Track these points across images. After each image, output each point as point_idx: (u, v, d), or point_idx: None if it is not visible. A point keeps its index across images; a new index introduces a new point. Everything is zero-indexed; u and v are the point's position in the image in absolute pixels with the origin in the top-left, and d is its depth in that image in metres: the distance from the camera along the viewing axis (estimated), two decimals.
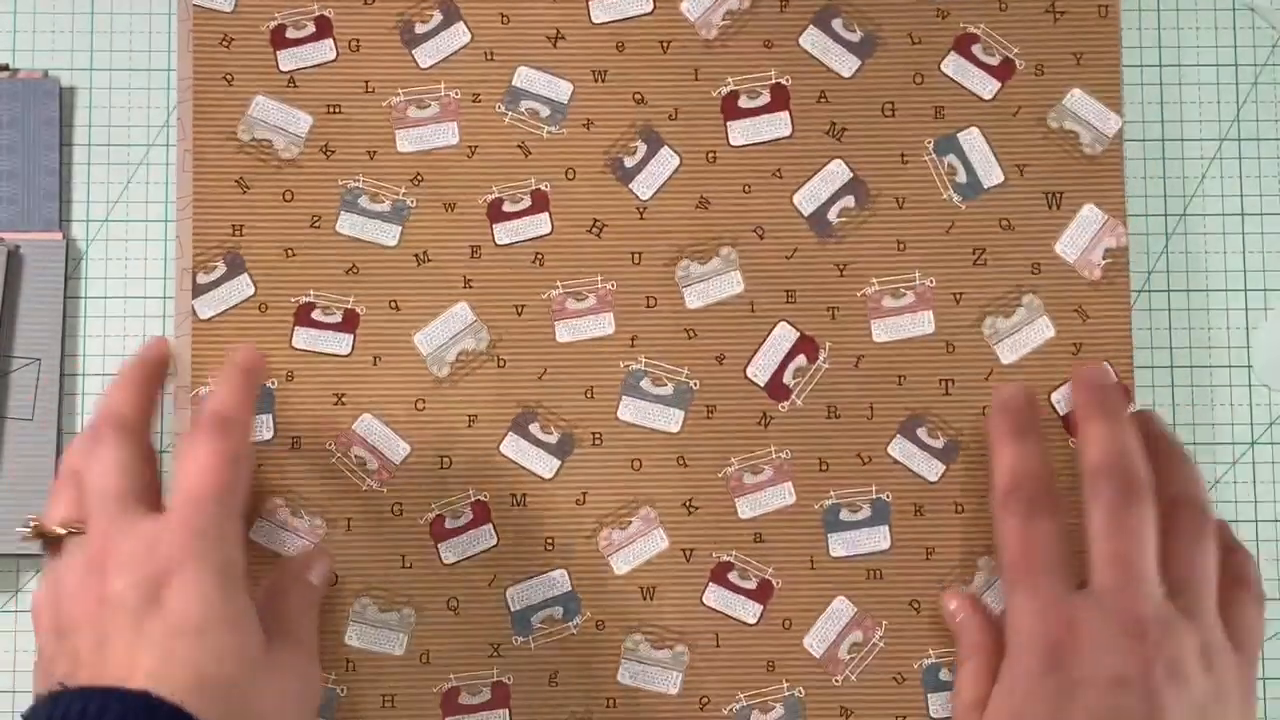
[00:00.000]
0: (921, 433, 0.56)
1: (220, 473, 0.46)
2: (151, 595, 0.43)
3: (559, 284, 0.56)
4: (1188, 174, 0.59)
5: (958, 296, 0.56)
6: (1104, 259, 0.56)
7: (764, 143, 0.57)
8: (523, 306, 0.56)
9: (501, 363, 0.56)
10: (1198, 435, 0.58)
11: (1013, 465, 0.52)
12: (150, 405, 0.50)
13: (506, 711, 0.54)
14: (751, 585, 0.55)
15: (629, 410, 0.56)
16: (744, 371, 0.56)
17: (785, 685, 0.55)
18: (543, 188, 0.56)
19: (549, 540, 0.55)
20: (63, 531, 0.47)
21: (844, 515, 0.55)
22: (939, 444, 0.56)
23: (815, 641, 0.55)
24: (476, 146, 0.56)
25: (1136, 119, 0.59)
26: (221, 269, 0.56)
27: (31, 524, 0.47)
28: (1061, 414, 0.56)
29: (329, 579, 0.53)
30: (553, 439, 0.55)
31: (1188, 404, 0.58)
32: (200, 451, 0.47)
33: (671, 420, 0.55)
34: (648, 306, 0.56)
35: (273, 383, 0.55)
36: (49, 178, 0.57)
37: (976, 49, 0.57)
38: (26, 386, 0.56)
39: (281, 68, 0.57)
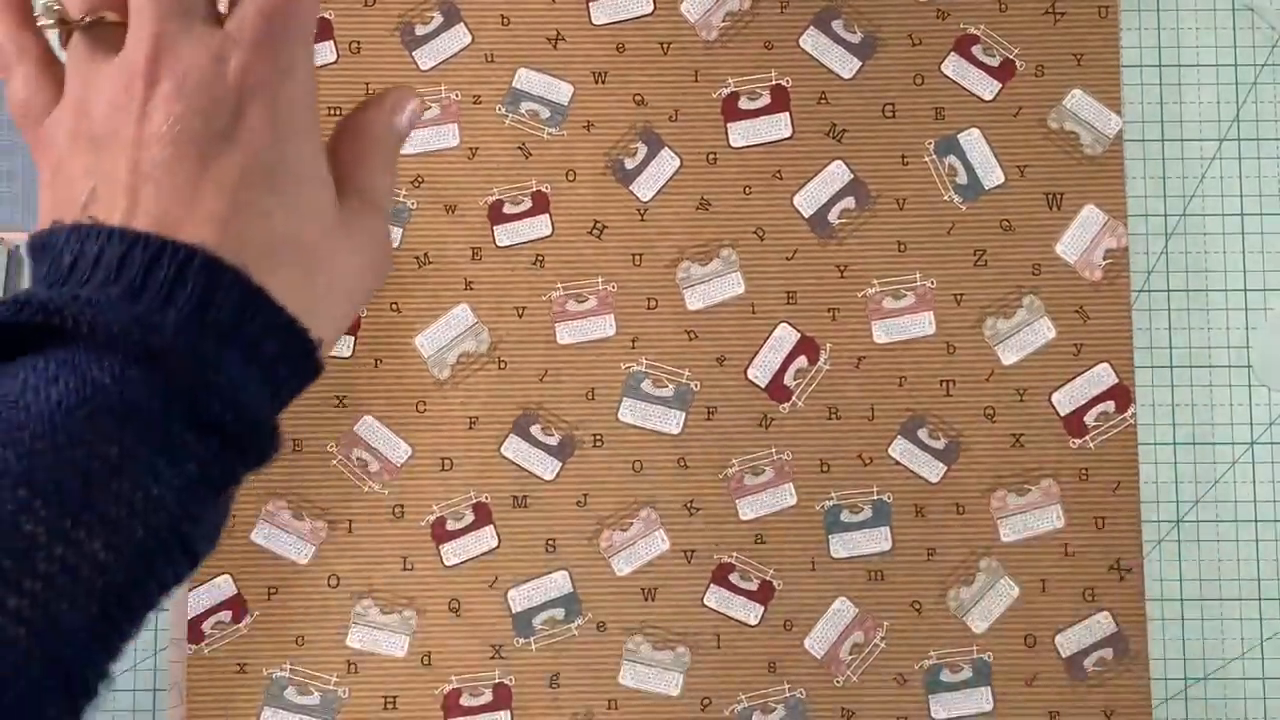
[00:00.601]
0: (922, 434, 0.56)
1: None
2: (221, 126, 0.32)
3: (560, 286, 0.56)
4: (1188, 174, 0.59)
5: (958, 297, 0.56)
6: (1104, 260, 0.56)
7: (764, 144, 0.57)
8: (524, 308, 0.56)
9: (502, 364, 0.56)
10: (1198, 435, 0.58)
11: None
12: None
13: (508, 713, 0.54)
14: (752, 586, 0.55)
15: (630, 412, 0.56)
16: (745, 373, 0.56)
17: (786, 686, 0.55)
18: (543, 189, 0.56)
19: (550, 542, 0.55)
20: (89, 20, 0.33)
21: (845, 516, 0.55)
22: (940, 445, 0.56)
23: (816, 642, 0.55)
24: (477, 148, 0.56)
25: (1136, 119, 0.59)
26: None
27: (55, 8, 0.34)
28: (1062, 414, 0.56)
29: (414, 124, 0.38)
30: (554, 440, 0.55)
31: (1187, 404, 0.58)
32: None
33: (672, 422, 0.55)
34: (648, 308, 0.56)
35: None
36: None
37: (977, 50, 0.57)
38: None
39: None
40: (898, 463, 0.56)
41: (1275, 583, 0.57)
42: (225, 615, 0.54)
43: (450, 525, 0.55)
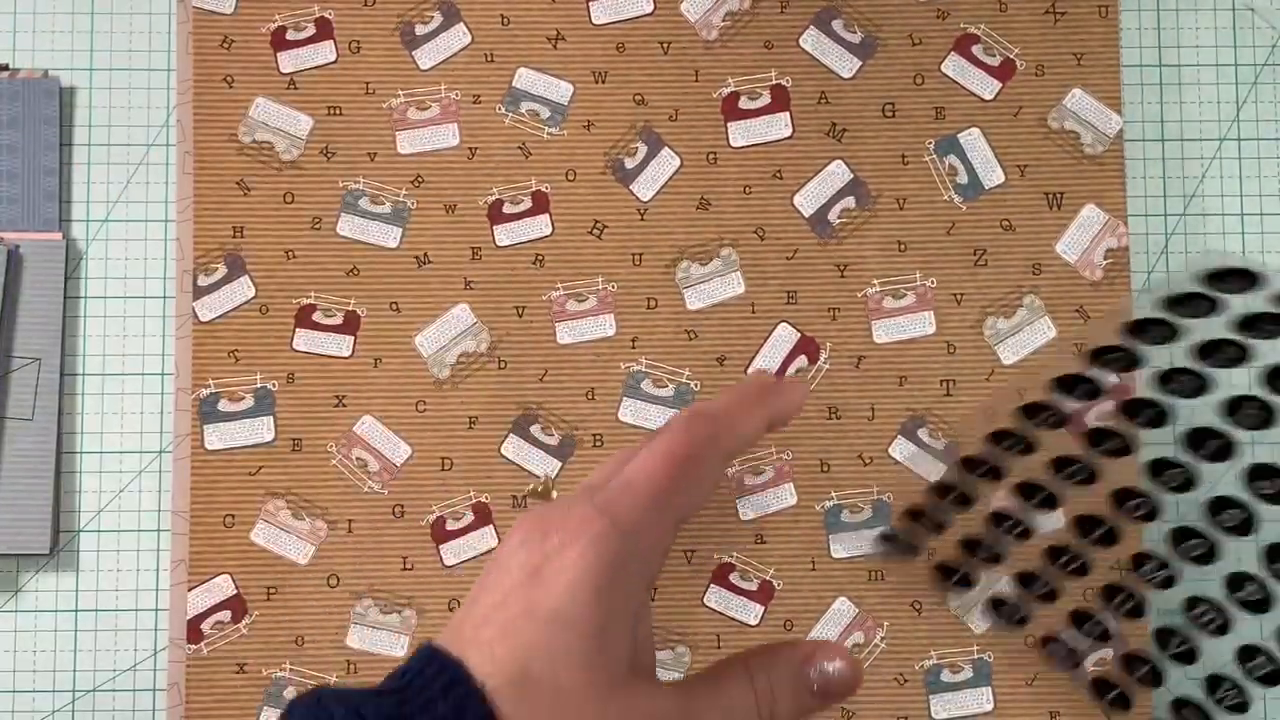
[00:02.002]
0: (923, 434, 0.56)
1: (669, 466, 0.38)
2: (534, 569, 0.35)
3: (560, 285, 0.56)
4: (1188, 174, 0.59)
5: (958, 297, 0.56)
6: (1105, 259, 0.56)
7: (764, 144, 0.57)
8: (523, 308, 0.56)
9: (502, 364, 0.56)
10: None
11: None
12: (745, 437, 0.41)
13: None
14: (753, 586, 0.55)
15: (630, 412, 0.55)
16: (745, 372, 0.56)
17: None
18: (543, 189, 0.56)
19: None
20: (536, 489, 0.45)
21: (845, 516, 0.55)
22: (940, 445, 0.56)
23: None
24: (477, 148, 0.56)
25: (1136, 119, 0.59)
26: (222, 271, 0.56)
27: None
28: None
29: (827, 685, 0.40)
30: (554, 440, 0.55)
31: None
32: (662, 439, 0.38)
33: None
34: (648, 308, 0.56)
35: (273, 385, 0.55)
36: (49, 178, 0.57)
37: (977, 49, 0.57)
38: (26, 386, 0.56)
39: (282, 69, 0.57)
40: (898, 463, 0.56)
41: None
42: (225, 615, 0.54)
43: (450, 525, 0.55)
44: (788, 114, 0.57)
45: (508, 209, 0.56)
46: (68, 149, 0.58)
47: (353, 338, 0.56)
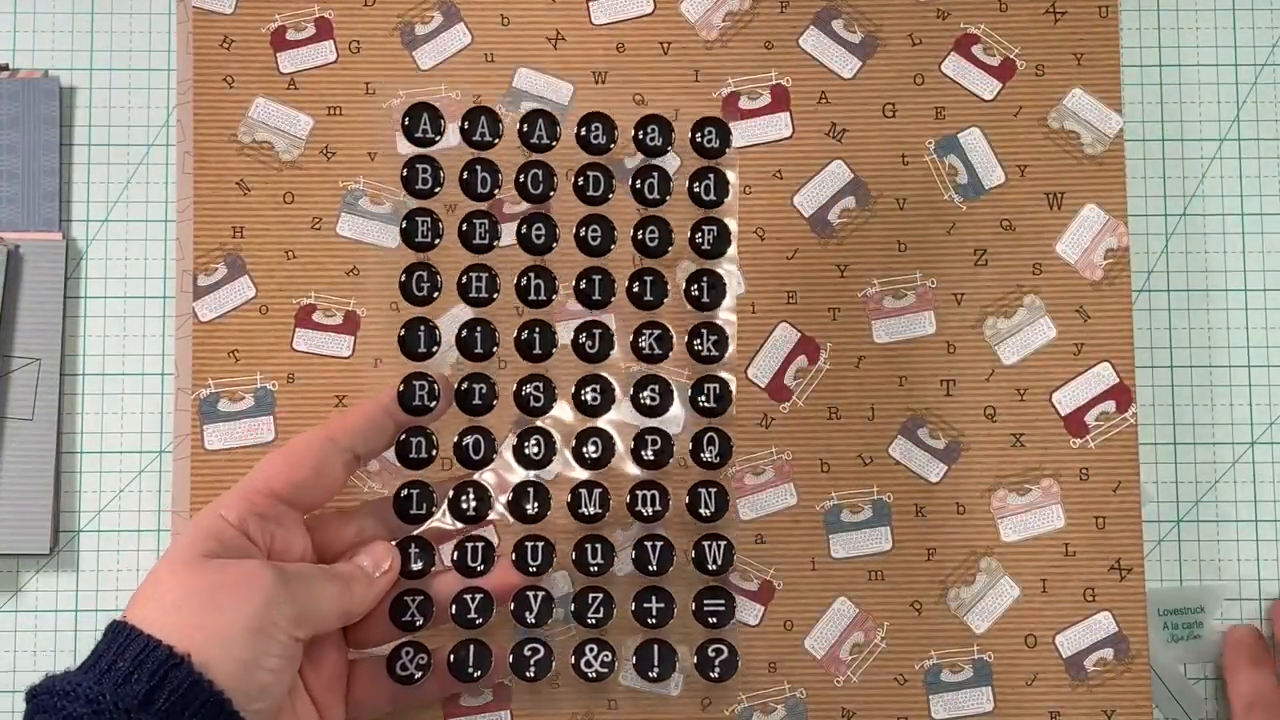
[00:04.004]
0: (923, 433, 0.56)
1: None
2: None
3: (560, 287, 0.56)
4: (1188, 174, 0.59)
5: (959, 297, 0.56)
6: (1105, 259, 0.56)
7: (764, 144, 0.57)
8: (523, 309, 0.56)
9: (502, 364, 0.56)
10: (1198, 435, 0.58)
11: (1250, 688, 0.54)
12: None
13: (508, 713, 0.54)
14: (753, 586, 0.55)
15: (629, 413, 0.55)
16: (745, 372, 0.56)
17: (787, 686, 0.55)
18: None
19: (550, 543, 0.55)
20: None
21: (845, 516, 0.55)
22: (940, 445, 0.56)
23: (816, 643, 0.55)
24: None
25: (1136, 119, 0.59)
26: (222, 271, 0.56)
27: None
28: (1062, 414, 0.56)
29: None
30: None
31: (1188, 404, 0.58)
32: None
33: (673, 422, 0.55)
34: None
35: (273, 385, 0.55)
36: (49, 178, 0.57)
37: (977, 49, 0.57)
38: (26, 386, 0.56)
39: (282, 69, 0.57)
40: (898, 463, 0.56)
41: (1276, 583, 0.57)
42: None
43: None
44: (788, 114, 0.57)
45: (508, 209, 0.56)
46: (68, 149, 0.58)
47: (353, 338, 0.56)
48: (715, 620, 0.52)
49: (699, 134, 0.53)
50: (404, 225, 0.53)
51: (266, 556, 0.48)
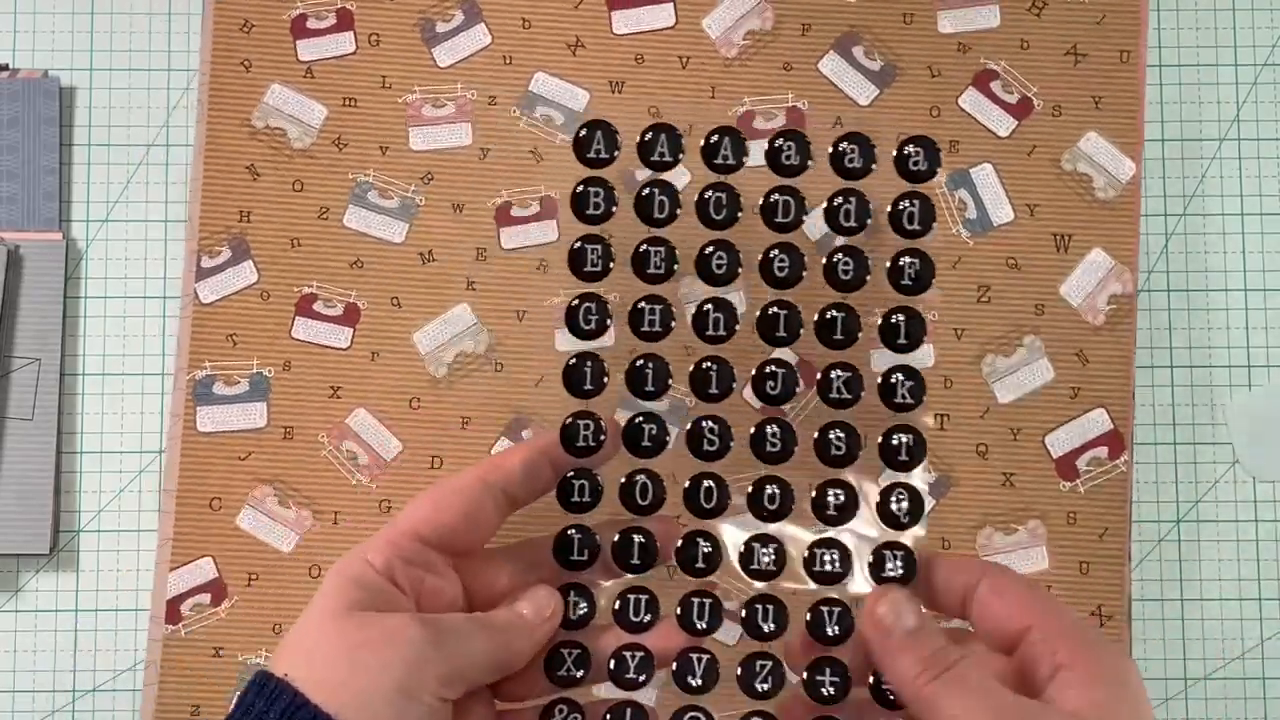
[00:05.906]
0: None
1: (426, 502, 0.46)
2: None
3: (561, 292, 0.56)
4: (1188, 174, 0.59)
5: (959, 332, 0.56)
6: (1109, 304, 0.56)
7: None
8: (524, 312, 0.56)
9: (499, 367, 0.56)
10: (1198, 435, 0.57)
11: None
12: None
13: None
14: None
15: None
16: (740, 394, 0.56)
17: None
18: (552, 195, 0.56)
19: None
20: None
21: None
22: (931, 478, 0.55)
23: None
24: (489, 149, 0.56)
25: None
26: (226, 254, 0.56)
27: None
28: (1054, 457, 0.55)
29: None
30: None
31: (1188, 404, 0.58)
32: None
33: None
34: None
35: (269, 371, 0.55)
36: (49, 178, 0.57)
37: (995, 86, 0.57)
38: (26, 386, 0.56)
39: (300, 57, 0.57)
40: None
41: (1275, 583, 0.57)
42: (204, 598, 0.55)
43: None
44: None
45: (515, 212, 0.56)
46: (68, 149, 0.58)
47: (352, 330, 0.56)
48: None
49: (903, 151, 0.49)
50: (574, 249, 0.48)
51: (415, 604, 0.44)
